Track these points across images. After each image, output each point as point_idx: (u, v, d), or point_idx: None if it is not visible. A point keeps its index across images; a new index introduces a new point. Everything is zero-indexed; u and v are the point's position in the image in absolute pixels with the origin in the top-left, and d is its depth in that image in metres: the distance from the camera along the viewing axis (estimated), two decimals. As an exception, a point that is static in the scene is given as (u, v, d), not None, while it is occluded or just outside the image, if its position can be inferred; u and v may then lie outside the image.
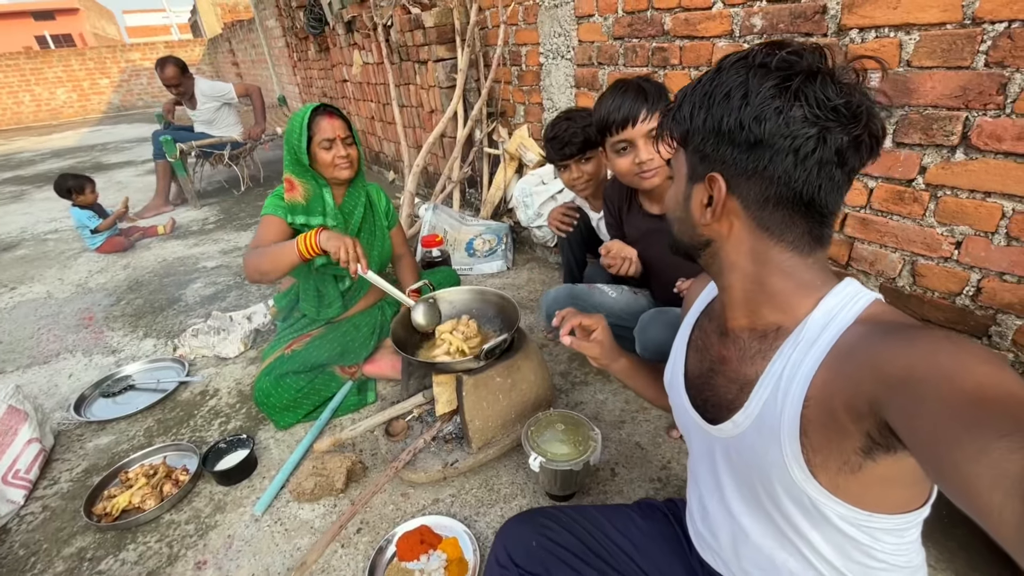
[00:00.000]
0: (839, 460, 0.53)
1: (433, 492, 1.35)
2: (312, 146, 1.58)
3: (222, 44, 11.38)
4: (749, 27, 1.65)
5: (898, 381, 0.45)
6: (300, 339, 1.75)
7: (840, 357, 0.52)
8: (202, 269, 3.00)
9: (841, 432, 0.51)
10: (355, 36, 3.98)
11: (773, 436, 0.57)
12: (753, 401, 0.60)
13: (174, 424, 1.72)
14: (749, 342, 0.63)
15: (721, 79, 0.55)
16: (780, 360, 0.58)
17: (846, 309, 0.55)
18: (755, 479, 0.63)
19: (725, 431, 0.65)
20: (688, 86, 0.60)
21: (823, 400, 0.53)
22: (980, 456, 0.36)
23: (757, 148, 0.53)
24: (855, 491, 0.54)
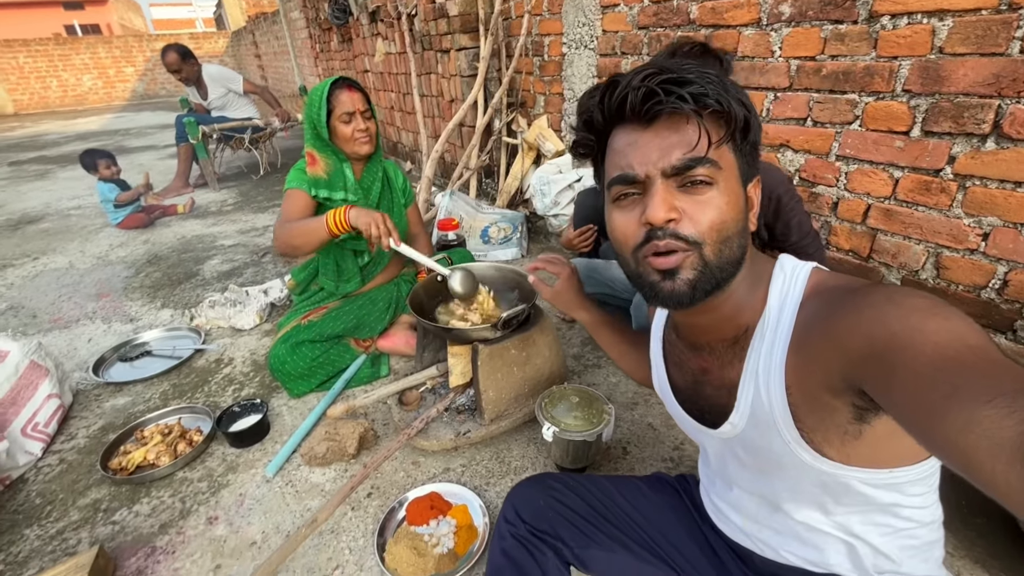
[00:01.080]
0: (839, 432, 0.54)
1: (444, 461, 1.35)
2: (332, 119, 1.60)
3: (245, 37, 11.54)
4: (777, 15, 1.64)
5: (860, 355, 0.46)
6: (317, 310, 1.76)
7: (801, 340, 0.54)
8: (220, 247, 3.03)
9: (828, 408, 0.53)
10: (378, 26, 4.02)
11: (771, 428, 0.58)
12: (741, 401, 0.61)
13: (189, 389, 1.74)
14: (723, 350, 0.64)
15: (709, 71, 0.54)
16: (753, 357, 0.59)
17: (793, 288, 0.57)
18: (769, 469, 0.64)
19: (725, 433, 0.66)
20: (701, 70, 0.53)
21: (801, 384, 0.54)
22: (971, 427, 0.36)
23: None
24: (867, 454, 0.54)
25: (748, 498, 0.73)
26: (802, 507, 0.64)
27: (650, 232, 0.56)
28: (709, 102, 0.52)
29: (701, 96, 0.52)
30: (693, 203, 0.55)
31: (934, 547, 0.65)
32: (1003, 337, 1.37)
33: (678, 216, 0.54)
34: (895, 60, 1.41)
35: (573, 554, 0.83)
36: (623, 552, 0.83)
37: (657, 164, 0.54)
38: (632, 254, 0.58)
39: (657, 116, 0.54)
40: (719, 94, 0.52)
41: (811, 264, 0.59)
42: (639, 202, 0.57)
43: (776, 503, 0.67)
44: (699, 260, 0.55)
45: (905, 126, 1.43)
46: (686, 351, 0.71)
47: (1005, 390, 0.37)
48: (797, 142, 1.71)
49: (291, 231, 1.52)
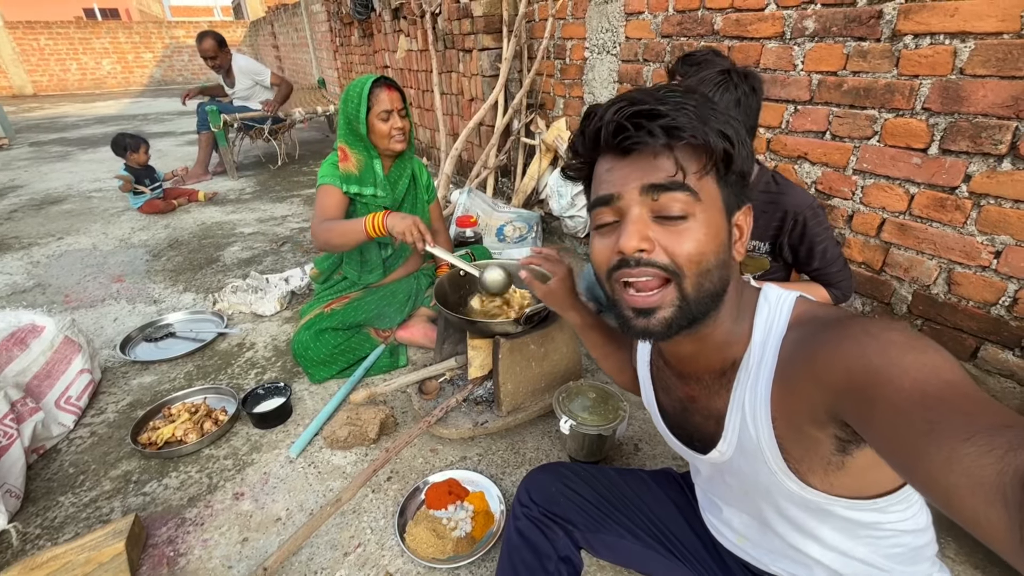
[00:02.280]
0: (822, 463, 0.55)
1: (461, 450, 1.40)
2: (370, 116, 1.64)
3: (264, 27, 11.63)
4: (801, 30, 1.68)
5: (842, 389, 0.47)
6: (339, 300, 1.81)
7: (785, 373, 0.54)
8: (239, 234, 3.09)
9: (812, 440, 0.53)
10: (400, 23, 4.07)
11: (758, 459, 0.59)
12: (728, 431, 0.62)
13: (212, 371, 1.80)
14: (711, 380, 0.64)
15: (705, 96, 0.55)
16: (739, 389, 0.60)
17: (778, 319, 0.57)
18: (755, 495, 0.66)
19: (713, 459, 0.67)
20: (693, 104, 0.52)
21: (785, 416, 0.55)
22: (950, 465, 0.36)
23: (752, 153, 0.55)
24: (850, 484, 0.56)
25: (738, 517, 0.75)
26: (789, 529, 0.66)
27: (621, 260, 0.55)
28: (682, 135, 0.51)
29: (672, 129, 0.51)
30: (669, 234, 0.53)
31: (924, 549, 0.67)
32: (1010, 354, 1.40)
33: (650, 246, 0.53)
34: (916, 79, 1.44)
35: (583, 537, 0.87)
36: (630, 538, 0.87)
37: (632, 185, 0.54)
38: (606, 278, 0.58)
39: (632, 149, 0.53)
40: (694, 126, 0.51)
41: (795, 294, 0.59)
42: (616, 230, 0.56)
43: (764, 523, 0.69)
44: (678, 296, 0.54)
45: (923, 143, 1.47)
46: (673, 378, 0.71)
47: (983, 427, 0.37)
48: (815, 155, 1.75)
49: (331, 231, 1.58)
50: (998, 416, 0.38)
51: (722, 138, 0.52)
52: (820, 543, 0.64)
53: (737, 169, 0.54)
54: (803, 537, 0.65)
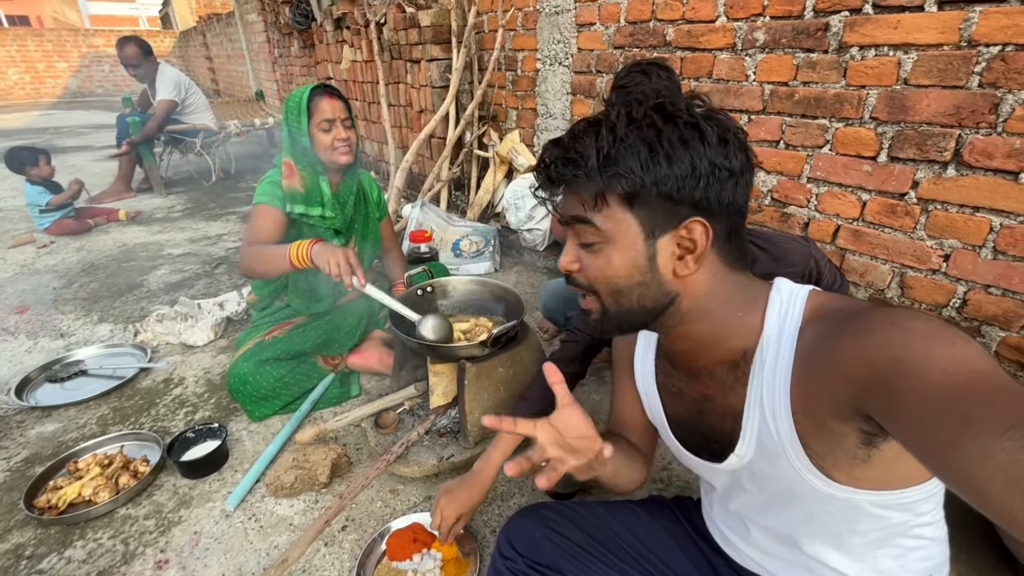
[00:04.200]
0: (847, 457, 0.53)
1: (425, 488, 1.27)
2: (310, 127, 1.51)
3: (195, 38, 11.06)
4: (752, 41, 1.70)
5: (866, 382, 0.46)
6: (282, 326, 1.64)
7: (805, 367, 0.53)
8: (167, 256, 2.81)
9: (836, 434, 0.52)
10: (343, 33, 3.92)
11: (780, 456, 0.57)
12: (747, 430, 0.60)
13: (133, 413, 1.57)
14: (724, 374, 0.62)
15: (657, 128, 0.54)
16: (755, 383, 0.58)
17: (792, 312, 0.57)
18: (778, 499, 0.63)
19: (731, 465, 0.64)
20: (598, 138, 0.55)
21: (806, 411, 0.53)
22: (985, 460, 0.36)
23: (730, 179, 0.55)
24: (876, 477, 0.54)
25: (759, 532, 0.71)
26: (816, 540, 0.63)
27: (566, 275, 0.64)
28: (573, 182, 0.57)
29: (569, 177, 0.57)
30: (587, 257, 0.60)
31: (943, 566, 0.65)
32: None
33: (576, 268, 0.61)
34: (863, 89, 1.48)
35: None
36: None
37: (562, 212, 0.62)
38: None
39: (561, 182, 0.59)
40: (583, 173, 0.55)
41: (808, 287, 0.58)
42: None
43: (790, 537, 0.65)
44: (599, 307, 0.62)
45: (872, 151, 1.50)
46: (684, 379, 0.69)
47: (1018, 420, 0.36)
48: (770, 163, 1.77)
49: (254, 256, 1.44)
50: None
51: (616, 177, 0.54)
52: (845, 552, 0.61)
53: (663, 192, 0.55)
54: (830, 549, 0.62)
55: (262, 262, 1.43)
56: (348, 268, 1.27)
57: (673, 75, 1.44)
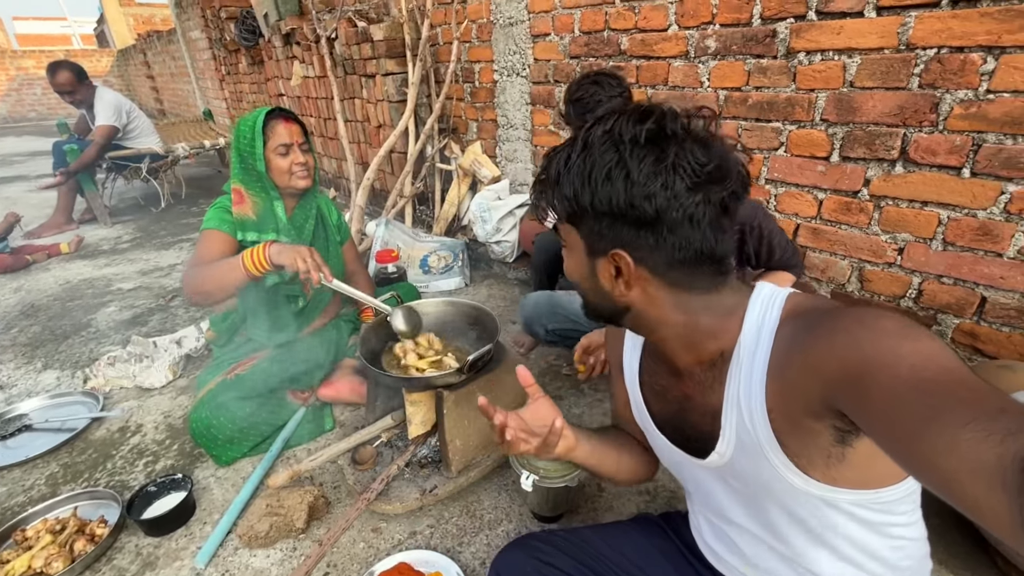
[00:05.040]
0: (822, 456, 0.54)
1: (408, 524, 1.22)
2: (266, 151, 1.45)
3: (135, 56, 10.57)
4: (703, 48, 1.74)
5: (837, 379, 0.47)
6: (245, 362, 1.56)
7: (779, 365, 0.54)
8: (116, 291, 2.65)
9: (810, 432, 0.53)
10: (294, 48, 3.82)
11: (758, 454, 0.58)
12: (726, 428, 0.61)
13: (87, 468, 1.46)
14: (702, 374, 0.64)
15: (595, 158, 0.56)
16: (732, 383, 0.59)
17: (769, 314, 0.58)
18: (760, 496, 0.63)
19: (713, 463, 0.65)
20: (558, 158, 0.60)
21: (781, 409, 0.55)
22: (950, 450, 0.37)
23: (652, 224, 0.55)
24: (852, 476, 0.55)
25: (741, 535, 0.71)
26: (799, 539, 0.63)
27: None
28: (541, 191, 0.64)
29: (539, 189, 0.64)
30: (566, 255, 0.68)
31: (925, 562, 0.67)
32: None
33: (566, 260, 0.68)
34: (813, 92, 1.52)
35: None
36: None
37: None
38: None
39: None
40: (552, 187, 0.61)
41: (788, 290, 0.60)
42: None
43: (774, 532, 0.65)
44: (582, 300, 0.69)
45: (825, 152, 1.55)
46: (667, 377, 0.70)
47: (982, 412, 0.37)
48: (729, 167, 1.80)
49: (202, 275, 1.35)
50: (996, 401, 0.38)
51: (560, 199, 0.60)
52: (833, 551, 0.62)
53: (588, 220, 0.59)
54: (814, 546, 0.62)
55: (213, 279, 1.33)
56: (314, 263, 1.23)
57: (623, 82, 1.52)
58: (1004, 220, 1.29)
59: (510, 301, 2.39)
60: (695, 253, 0.56)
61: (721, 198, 0.54)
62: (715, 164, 0.53)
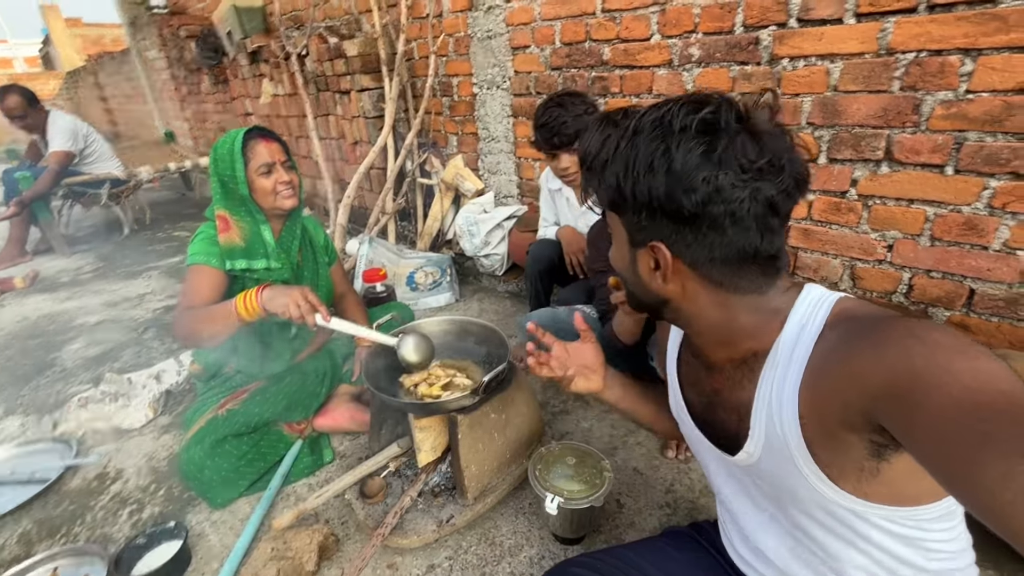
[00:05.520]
0: (855, 469, 0.52)
1: (426, 557, 1.16)
2: (247, 173, 1.38)
3: (85, 78, 10.15)
4: (687, 57, 1.76)
5: (882, 393, 0.45)
6: (235, 396, 1.47)
7: (817, 373, 0.52)
8: (81, 326, 2.49)
9: (844, 443, 0.51)
10: (261, 66, 3.72)
11: (786, 459, 0.56)
12: (755, 428, 0.60)
13: (64, 522, 1.34)
14: (733, 371, 0.63)
15: (640, 146, 0.54)
16: (764, 384, 0.58)
17: (813, 316, 0.55)
18: (787, 501, 0.62)
19: (741, 461, 0.64)
20: (608, 142, 0.57)
21: (815, 418, 0.53)
22: (1007, 482, 0.35)
23: (692, 219, 0.53)
24: (885, 492, 0.53)
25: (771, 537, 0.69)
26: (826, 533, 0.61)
27: None
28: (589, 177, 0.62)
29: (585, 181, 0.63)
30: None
31: (970, 569, 0.64)
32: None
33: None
34: (798, 96, 1.56)
35: None
36: None
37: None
38: None
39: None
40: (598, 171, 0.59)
41: (839, 294, 0.58)
42: None
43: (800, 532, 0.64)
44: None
45: (812, 154, 1.58)
46: (702, 369, 0.69)
47: None
48: (717, 172, 1.83)
49: (195, 321, 1.28)
50: None
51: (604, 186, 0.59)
52: (865, 555, 0.59)
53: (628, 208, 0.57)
54: (846, 548, 0.60)
55: (204, 325, 1.27)
56: (308, 306, 1.16)
57: (587, 99, 1.58)
58: (988, 214, 1.34)
59: (503, 315, 2.35)
60: (738, 252, 0.55)
61: (769, 196, 0.52)
62: (766, 160, 0.51)
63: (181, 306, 1.33)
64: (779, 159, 0.52)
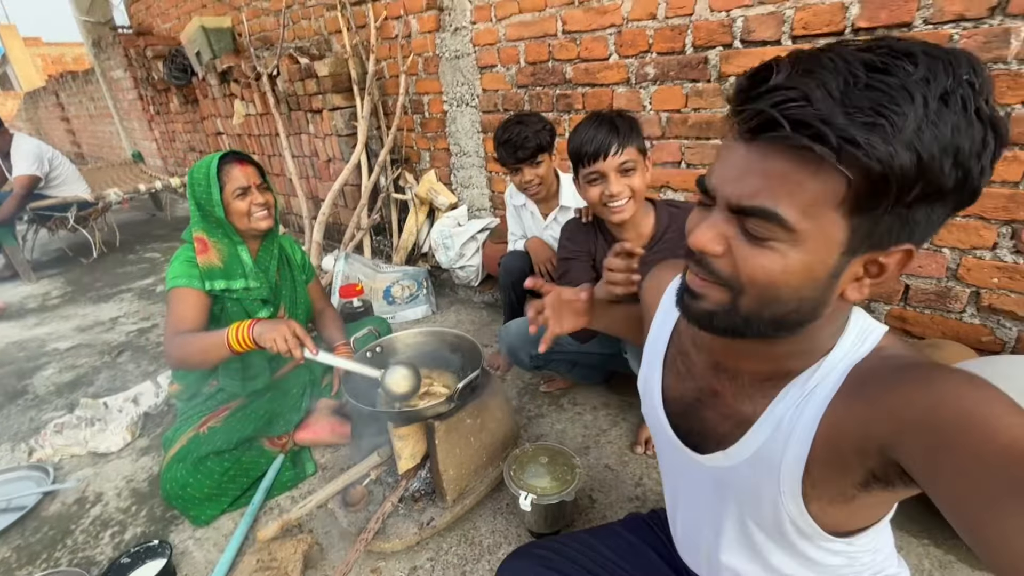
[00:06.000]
0: (834, 492, 0.52)
1: (408, 560, 1.21)
2: (223, 196, 1.43)
3: (45, 98, 9.92)
4: (643, 75, 1.87)
5: (918, 424, 0.42)
6: (216, 414, 1.49)
7: (850, 396, 0.49)
8: (52, 352, 2.46)
9: (843, 469, 0.50)
10: (231, 86, 3.74)
11: (771, 473, 0.55)
12: (750, 439, 0.57)
13: (44, 548, 1.34)
14: (750, 381, 0.58)
15: (958, 121, 0.37)
16: (784, 401, 0.54)
17: (857, 348, 0.51)
18: (741, 505, 0.62)
19: (715, 461, 0.61)
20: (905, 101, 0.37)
21: (830, 440, 0.50)
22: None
23: (962, 191, 0.40)
24: (841, 517, 0.55)
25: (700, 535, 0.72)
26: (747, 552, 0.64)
27: (688, 251, 0.50)
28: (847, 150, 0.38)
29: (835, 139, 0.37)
30: (744, 248, 0.46)
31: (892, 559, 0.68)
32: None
33: (720, 251, 0.47)
34: (744, 112, 1.68)
35: None
36: None
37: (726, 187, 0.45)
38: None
39: (761, 136, 0.42)
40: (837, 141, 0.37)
41: (884, 327, 0.53)
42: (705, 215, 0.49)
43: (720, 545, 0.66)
44: (728, 301, 0.48)
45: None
46: (701, 365, 0.64)
47: None
48: (676, 182, 1.94)
49: (186, 349, 1.33)
50: None
51: (856, 161, 0.38)
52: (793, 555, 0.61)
53: (889, 203, 0.40)
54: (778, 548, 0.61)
55: (196, 353, 1.32)
56: (295, 341, 1.21)
57: (543, 119, 1.73)
58: (916, 216, 1.47)
59: (479, 324, 2.42)
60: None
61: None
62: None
63: (169, 332, 1.36)
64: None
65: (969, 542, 0.39)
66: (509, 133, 1.67)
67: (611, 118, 1.19)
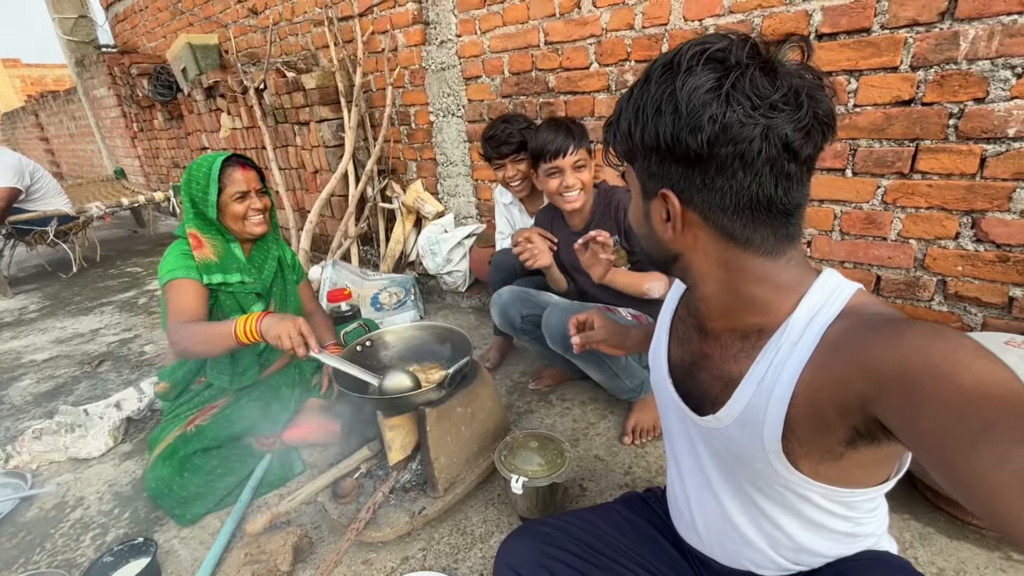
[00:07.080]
0: (821, 450, 0.54)
1: (400, 550, 1.20)
2: (221, 198, 1.44)
3: (24, 118, 9.80)
4: (623, 83, 1.95)
5: (891, 378, 0.44)
6: (204, 412, 1.48)
7: (826, 354, 0.51)
8: (29, 364, 2.40)
9: (826, 426, 0.52)
10: (217, 101, 3.76)
11: (755, 433, 0.57)
12: (736, 399, 0.60)
13: (21, 552, 1.30)
14: (731, 341, 0.62)
15: (650, 90, 0.52)
16: (763, 361, 0.57)
17: (829, 304, 0.54)
18: (737, 467, 0.65)
19: (708, 423, 0.64)
20: (624, 97, 0.57)
21: (810, 397, 0.52)
22: (1002, 464, 0.35)
23: (700, 161, 0.51)
24: (834, 474, 0.56)
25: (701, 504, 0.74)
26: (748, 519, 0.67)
27: None
28: (607, 131, 0.62)
29: (604, 135, 0.63)
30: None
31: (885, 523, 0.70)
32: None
33: None
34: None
35: None
36: None
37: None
38: None
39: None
40: (614, 125, 0.59)
41: (858, 285, 0.56)
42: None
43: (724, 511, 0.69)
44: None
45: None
46: (693, 330, 0.69)
47: None
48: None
49: (191, 337, 1.33)
50: None
51: (617, 136, 0.59)
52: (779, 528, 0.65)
53: (639, 157, 0.57)
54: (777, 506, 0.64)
55: (201, 342, 1.32)
56: (300, 339, 1.22)
57: (528, 119, 1.85)
58: (883, 209, 1.55)
59: (468, 328, 2.43)
60: (750, 200, 0.51)
61: (784, 135, 0.48)
62: (780, 95, 0.47)
63: (172, 320, 1.37)
64: (797, 94, 0.48)
65: (949, 488, 0.41)
66: (494, 130, 1.78)
67: (567, 124, 1.45)
